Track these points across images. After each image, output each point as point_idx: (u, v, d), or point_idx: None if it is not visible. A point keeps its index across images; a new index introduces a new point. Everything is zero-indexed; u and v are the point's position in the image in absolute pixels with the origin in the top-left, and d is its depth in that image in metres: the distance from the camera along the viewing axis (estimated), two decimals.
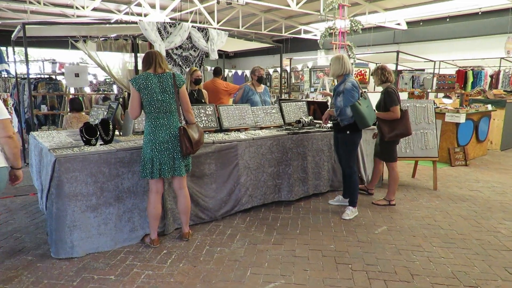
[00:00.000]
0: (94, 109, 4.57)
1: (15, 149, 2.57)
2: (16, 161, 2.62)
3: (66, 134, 4.17)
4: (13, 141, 2.55)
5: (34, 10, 13.81)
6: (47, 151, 3.26)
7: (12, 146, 2.55)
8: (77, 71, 6.16)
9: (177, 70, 5.71)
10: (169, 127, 3.19)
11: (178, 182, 3.34)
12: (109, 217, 3.25)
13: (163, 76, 3.18)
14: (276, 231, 3.68)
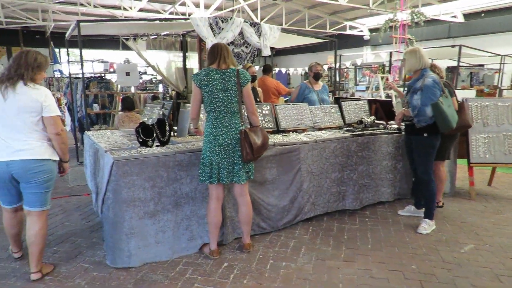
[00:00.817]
0: (148, 108, 4.40)
1: (62, 145, 2.71)
2: (64, 155, 2.79)
3: (120, 134, 4.01)
4: (61, 137, 2.67)
5: (85, 12, 14.20)
6: (104, 152, 3.08)
7: (59, 142, 2.68)
8: (128, 70, 6.08)
9: None
10: (230, 129, 2.89)
11: (239, 189, 3.04)
12: (167, 225, 3.02)
13: (226, 72, 2.89)
14: (345, 245, 3.29)
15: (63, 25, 15.96)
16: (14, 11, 13.65)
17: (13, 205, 2.82)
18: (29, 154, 2.55)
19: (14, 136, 2.54)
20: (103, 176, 3.06)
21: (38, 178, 2.61)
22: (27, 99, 2.52)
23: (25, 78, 2.55)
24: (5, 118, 2.53)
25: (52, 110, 2.59)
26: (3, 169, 2.57)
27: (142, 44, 6.62)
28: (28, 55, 2.61)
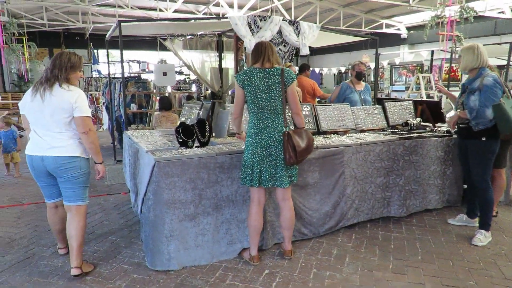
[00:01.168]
0: (186, 108, 4.35)
1: (91, 144, 2.71)
2: (95, 156, 2.79)
3: (159, 134, 3.98)
4: (88, 136, 2.68)
5: (122, 13, 14.56)
6: (145, 152, 3.04)
7: (87, 141, 2.70)
8: (165, 70, 6.10)
9: None
10: (273, 130, 2.77)
11: (281, 193, 2.91)
12: (207, 228, 2.94)
13: (270, 71, 2.77)
14: (393, 255, 3.08)
15: (101, 27, 16.46)
16: (56, 14, 14.21)
17: (54, 199, 2.92)
18: (60, 151, 2.66)
19: (49, 134, 2.66)
20: (143, 177, 3.02)
21: (69, 174, 2.70)
22: (60, 100, 2.61)
23: (60, 79, 2.64)
24: (42, 118, 2.65)
25: (82, 110, 2.65)
26: (39, 163, 2.70)
27: (179, 44, 6.62)
28: (62, 56, 2.70)
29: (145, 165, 2.97)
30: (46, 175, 2.76)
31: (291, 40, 5.38)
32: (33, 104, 2.65)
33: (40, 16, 13.88)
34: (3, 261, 3.02)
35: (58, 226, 2.98)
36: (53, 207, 2.95)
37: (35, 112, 2.66)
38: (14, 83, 17.25)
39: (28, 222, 3.84)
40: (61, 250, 3.09)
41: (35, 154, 2.70)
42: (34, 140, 2.71)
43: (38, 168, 2.73)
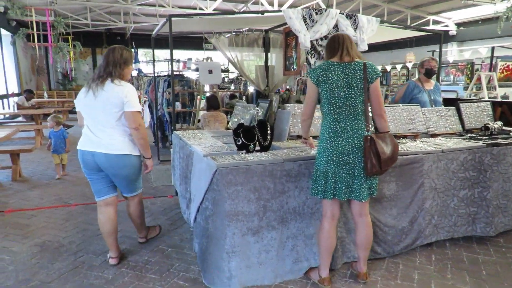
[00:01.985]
0: (238, 108, 4.04)
1: (141, 140, 2.74)
2: (144, 151, 2.83)
3: (212, 135, 3.69)
4: (139, 132, 2.70)
5: (162, 13, 14.60)
6: (202, 156, 2.74)
7: (138, 137, 2.72)
8: (211, 68, 5.84)
9: None
10: (352, 135, 2.37)
11: (358, 207, 2.51)
12: (271, 243, 2.59)
13: (350, 66, 2.37)
14: (488, 284, 2.60)
15: (141, 26, 16.64)
16: (100, 14, 14.45)
17: (103, 195, 2.85)
18: (111, 149, 2.66)
19: (101, 130, 2.68)
20: (200, 183, 2.72)
21: (120, 171, 2.74)
22: (111, 95, 2.61)
23: (113, 75, 2.66)
24: (94, 114, 2.68)
25: (132, 105, 2.64)
26: (89, 158, 2.72)
27: (224, 41, 6.35)
28: (115, 52, 2.71)
29: (203, 171, 2.66)
30: (97, 169, 2.76)
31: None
32: (86, 100, 2.68)
33: (84, 16, 14.17)
34: (52, 269, 2.82)
35: (108, 228, 2.85)
36: (103, 205, 2.87)
37: (88, 108, 2.69)
38: (59, 82, 17.80)
39: (76, 225, 3.66)
40: (112, 260, 2.89)
41: (86, 149, 2.71)
42: (87, 135, 2.74)
43: (88, 163, 2.74)
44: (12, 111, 8.73)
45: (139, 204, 3.05)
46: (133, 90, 2.72)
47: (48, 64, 15.81)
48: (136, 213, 3.05)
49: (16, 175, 5.36)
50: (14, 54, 13.19)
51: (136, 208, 3.03)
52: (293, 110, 3.43)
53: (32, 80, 16.16)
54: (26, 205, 4.28)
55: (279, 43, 6.66)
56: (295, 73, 5.62)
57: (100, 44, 18.05)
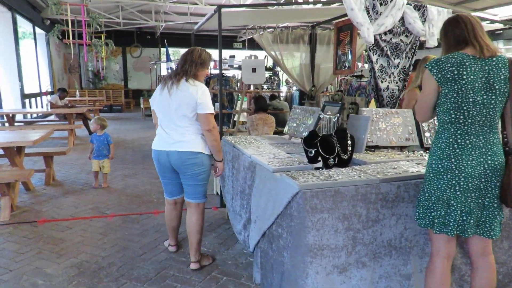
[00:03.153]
0: (297, 111, 3.51)
1: (214, 142, 2.69)
2: (216, 154, 2.77)
3: (268, 143, 3.19)
4: (212, 134, 2.66)
5: (193, 11, 14.27)
6: (271, 172, 2.23)
7: (211, 139, 2.68)
8: (254, 66, 5.35)
9: (384, 62, 4.33)
10: (485, 152, 1.78)
11: (483, 245, 1.93)
12: (359, 285, 2.05)
13: (492, 62, 1.78)
14: None
15: (171, 25, 16.41)
16: (131, 12, 14.28)
17: (174, 196, 2.95)
18: (184, 146, 2.66)
19: (174, 129, 2.68)
20: (268, 204, 2.22)
21: (192, 170, 2.71)
22: (185, 95, 2.59)
23: (188, 74, 2.64)
24: (168, 112, 2.67)
25: (205, 107, 2.61)
26: (164, 158, 2.74)
27: (268, 37, 5.85)
28: (194, 52, 2.71)
29: (274, 190, 2.16)
30: (171, 171, 2.79)
31: (416, 29, 4.32)
32: (161, 98, 2.69)
33: (116, 15, 14.02)
34: None
35: (174, 223, 3.03)
36: (172, 204, 2.98)
37: (162, 107, 2.70)
38: (89, 81, 17.84)
39: (115, 242, 3.25)
40: (172, 248, 3.11)
41: (161, 149, 2.73)
42: (161, 135, 2.75)
43: (163, 163, 2.76)
44: (45, 110, 8.55)
45: (201, 215, 2.85)
46: (207, 92, 2.67)
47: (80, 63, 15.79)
48: (196, 227, 2.82)
49: (49, 179, 5.04)
50: (48, 53, 13.18)
51: (198, 219, 2.82)
52: (369, 114, 2.88)
53: (64, 78, 16.22)
54: (60, 214, 3.91)
55: (325, 40, 6.10)
56: (348, 72, 5.06)
57: (130, 43, 17.97)
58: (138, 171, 5.74)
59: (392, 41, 4.31)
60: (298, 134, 3.32)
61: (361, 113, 2.90)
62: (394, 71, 4.40)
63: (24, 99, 10.23)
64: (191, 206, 2.83)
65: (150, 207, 4.15)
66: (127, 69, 18.58)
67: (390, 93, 4.38)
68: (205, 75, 2.80)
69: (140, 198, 4.47)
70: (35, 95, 11.59)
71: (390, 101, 4.38)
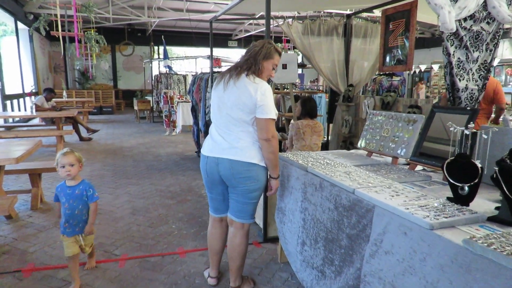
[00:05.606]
0: (374, 120, 2.57)
1: (271, 154, 2.18)
2: (272, 168, 2.24)
3: (355, 164, 2.25)
4: (270, 145, 2.16)
5: (188, 7, 13.23)
6: (427, 229, 1.30)
7: (268, 150, 2.17)
8: (285, 61, 4.41)
9: (461, 55, 3.45)
10: None
11: None
12: None
13: None
14: None
15: (164, 22, 15.31)
16: (122, 8, 13.14)
17: (220, 214, 2.44)
18: (237, 155, 2.18)
19: (227, 132, 2.22)
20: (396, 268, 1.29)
21: (244, 185, 2.22)
22: (241, 93, 2.13)
23: (251, 69, 2.17)
24: (221, 112, 2.22)
25: (266, 111, 2.12)
26: (213, 166, 2.25)
27: (298, 28, 4.91)
28: (257, 44, 2.25)
29: (405, 245, 1.23)
30: (220, 183, 2.30)
31: (501, 14, 3.43)
32: (215, 94, 2.28)
33: (106, 10, 12.86)
34: None
35: (218, 245, 2.49)
36: (218, 221, 2.47)
37: (215, 104, 2.28)
38: (76, 80, 16.53)
39: None
40: (212, 280, 2.52)
41: (211, 155, 2.26)
42: (213, 138, 2.29)
43: (211, 173, 2.27)
44: (29, 113, 7.41)
45: (245, 237, 2.37)
46: (269, 92, 2.14)
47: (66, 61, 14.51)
48: (239, 250, 2.34)
49: (37, 201, 3.97)
50: (31, 50, 11.90)
51: (241, 242, 2.34)
52: None
53: (49, 78, 14.92)
54: (53, 257, 2.88)
55: (362, 32, 5.20)
56: (403, 68, 4.17)
57: (120, 40, 16.75)
58: (145, 188, 4.71)
59: (472, 29, 3.43)
60: (388, 151, 2.38)
61: (507, 123, 1.98)
62: (473, 66, 3.52)
63: (5, 101, 9.01)
64: (233, 225, 2.35)
65: (172, 243, 3.16)
66: (117, 68, 17.36)
67: (469, 94, 3.50)
68: (269, 74, 2.26)
69: (156, 228, 3.47)
70: (17, 96, 10.35)
71: (468, 104, 3.50)
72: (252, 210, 2.34)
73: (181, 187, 4.79)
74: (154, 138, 8.75)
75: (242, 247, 2.36)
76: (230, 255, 2.39)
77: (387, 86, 6.02)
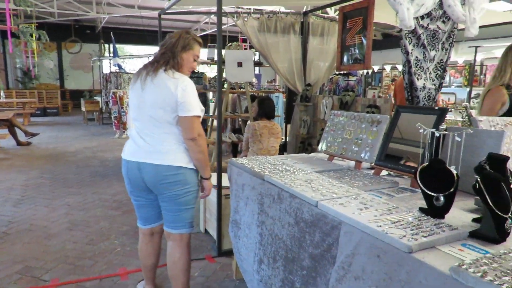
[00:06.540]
0: (338, 119, 2.36)
1: (199, 154, 2.01)
2: (202, 169, 2.08)
3: (316, 171, 2.01)
4: (196, 144, 1.98)
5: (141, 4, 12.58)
6: (406, 253, 1.07)
7: (195, 150, 1.99)
8: (241, 59, 4.13)
9: (419, 54, 3.36)
10: None
11: None
12: None
13: None
14: None
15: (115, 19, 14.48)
16: (68, 2, 12.19)
17: (150, 224, 2.19)
18: (162, 159, 1.96)
19: (149, 134, 1.99)
20: None
21: (171, 190, 1.99)
22: (160, 90, 1.91)
23: (169, 63, 1.95)
24: (141, 112, 1.99)
25: (189, 108, 1.91)
26: (135, 172, 2.00)
27: (254, 25, 4.66)
28: (173, 35, 2.03)
29: None
30: (145, 189, 2.04)
31: (456, 13, 3.39)
32: (133, 94, 2.02)
33: (50, 4, 11.85)
34: None
35: (150, 261, 2.24)
36: (148, 235, 2.21)
37: (133, 105, 2.02)
38: (18, 80, 15.15)
39: None
40: None
41: (131, 159, 2.00)
42: (134, 140, 2.03)
43: (134, 179, 2.01)
44: None
45: (186, 249, 2.10)
46: (191, 87, 1.95)
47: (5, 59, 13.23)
48: (181, 265, 2.07)
49: None
50: None
51: (182, 256, 2.08)
52: (486, 126, 1.82)
53: None
54: None
55: (319, 30, 5.07)
56: (362, 67, 4.05)
57: (66, 37, 15.58)
58: (87, 198, 4.21)
59: (429, 27, 3.35)
60: (351, 155, 2.17)
61: (476, 123, 1.83)
62: (430, 65, 3.45)
63: None
64: (171, 238, 2.11)
65: (113, 262, 2.76)
66: (63, 67, 16.16)
67: (427, 93, 3.43)
68: (191, 67, 2.07)
69: (95, 245, 3.04)
70: None
71: (426, 104, 3.42)
72: (189, 218, 2.11)
73: (127, 195, 4.34)
74: (102, 141, 8.10)
75: (183, 261, 2.10)
76: (172, 273, 2.12)
77: (343, 86, 5.94)
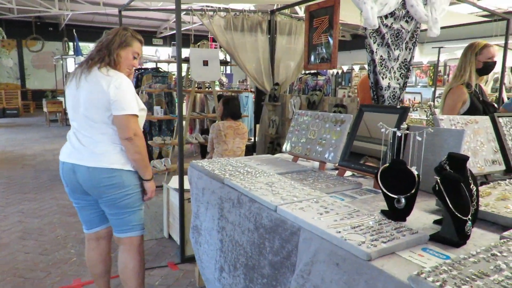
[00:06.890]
0: (299, 120, 2.29)
1: (136, 155, 1.89)
2: (141, 170, 1.95)
3: (279, 172, 1.93)
4: (133, 144, 1.86)
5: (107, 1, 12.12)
6: (365, 261, 1.01)
7: (132, 151, 1.88)
8: (207, 58, 4.00)
9: (384, 53, 3.37)
10: None
11: None
12: None
13: None
14: None
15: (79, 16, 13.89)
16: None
17: (94, 227, 2.05)
18: (95, 161, 1.86)
19: (85, 135, 1.90)
20: None
21: (108, 194, 1.88)
22: (93, 88, 1.83)
23: (104, 60, 1.87)
24: (77, 111, 1.89)
25: (123, 106, 1.82)
26: (70, 174, 1.90)
27: (220, 23, 4.54)
28: (109, 32, 1.98)
29: None
30: (82, 192, 1.94)
31: (419, 13, 3.43)
32: (68, 93, 1.94)
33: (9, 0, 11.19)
34: None
35: (100, 269, 2.07)
36: (94, 240, 2.06)
37: (69, 105, 1.95)
38: None
39: None
40: None
41: (67, 161, 1.91)
42: (69, 141, 1.96)
43: (70, 181, 1.92)
44: None
45: (137, 253, 1.99)
46: (126, 84, 1.84)
47: None
48: (132, 268, 1.96)
49: None
50: None
51: (133, 260, 1.97)
52: (447, 125, 1.80)
53: None
54: None
55: (286, 29, 5.02)
56: (328, 67, 4.03)
57: (27, 34, 14.80)
58: (43, 205, 3.95)
59: (393, 27, 3.37)
60: (315, 155, 2.11)
61: (437, 122, 1.81)
62: (394, 65, 3.47)
63: None
64: (122, 242, 1.98)
65: (68, 273, 2.57)
66: (24, 66, 15.35)
67: (392, 92, 3.45)
68: (130, 64, 1.96)
69: (49, 255, 2.83)
70: None
71: (391, 103, 3.44)
72: (135, 221, 2.00)
73: None
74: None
75: (133, 264, 1.99)
76: (122, 277, 2.01)
77: (312, 85, 5.95)
